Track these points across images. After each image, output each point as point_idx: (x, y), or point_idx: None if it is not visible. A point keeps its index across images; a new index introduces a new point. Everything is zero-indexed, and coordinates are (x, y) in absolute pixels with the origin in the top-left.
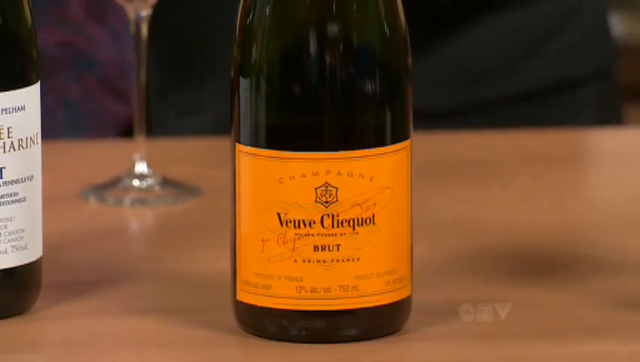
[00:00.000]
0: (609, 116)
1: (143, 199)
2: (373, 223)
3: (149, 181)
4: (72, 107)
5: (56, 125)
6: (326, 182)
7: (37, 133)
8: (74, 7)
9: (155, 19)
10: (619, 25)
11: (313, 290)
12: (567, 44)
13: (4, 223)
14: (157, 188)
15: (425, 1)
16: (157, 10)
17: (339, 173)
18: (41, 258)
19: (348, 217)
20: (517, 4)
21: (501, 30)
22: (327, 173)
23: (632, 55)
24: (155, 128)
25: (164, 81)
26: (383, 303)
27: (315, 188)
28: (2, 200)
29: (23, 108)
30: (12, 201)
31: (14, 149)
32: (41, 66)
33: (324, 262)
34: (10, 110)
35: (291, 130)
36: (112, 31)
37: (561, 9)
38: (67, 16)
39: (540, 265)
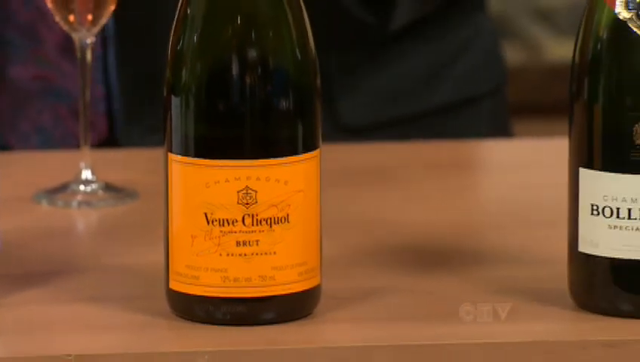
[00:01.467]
0: (502, 128)
1: (88, 202)
2: (288, 222)
3: (93, 186)
4: (44, 132)
5: (30, 148)
6: (246, 186)
7: None
8: (50, 46)
9: (124, 45)
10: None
11: (236, 280)
12: (470, 66)
13: None
14: (100, 192)
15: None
16: (126, 35)
17: (258, 178)
18: None
19: (266, 216)
20: (429, 35)
21: (417, 56)
22: (248, 178)
23: (514, 77)
24: (124, 144)
25: (134, 101)
26: (296, 291)
27: (237, 192)
28: None
29: None
30: None
31: None
32: (17, 96)
33: (245, 255)
34: None
35: (216, 141)
36: (93, 43)
37: (462, 38)
38: (43, 54)
39: (430, 257)
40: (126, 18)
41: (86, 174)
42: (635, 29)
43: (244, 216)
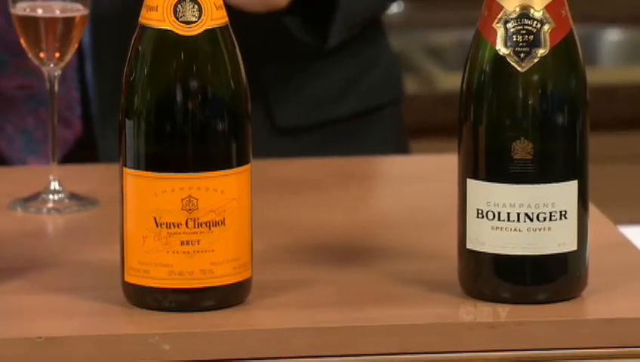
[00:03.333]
0: (402, 138)
1: (56, 208)
2: (224, 224)
3: (60, 195)
4: (27, 133)
5: (14, 148)
6: (189, 195)
7: None
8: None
9: (100, 57)
10: None
11: (180, 273)
12: (374, 80)
13: None
14: (66, 200)
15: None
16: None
17: (199, 188)
18: None
19: (205, 220)
20: (345, 53)
21: (335, 71)
22: (190, 188)
23: (411, 103)
24: (101, 144)
25: (110, 105)
26: (231, 282)
27: (182, 199)
28: None
29: None
30: None
31: None
32: (3, 104)
33: (188, 253)
34: None
35: (163, 157)
36: (60, 75)
37: (367, 57)
38: (25, 66)
39: (342, 253)
40: (102, 33)
41: (54, 185)
42: (512, 63)
43: (187, 219)
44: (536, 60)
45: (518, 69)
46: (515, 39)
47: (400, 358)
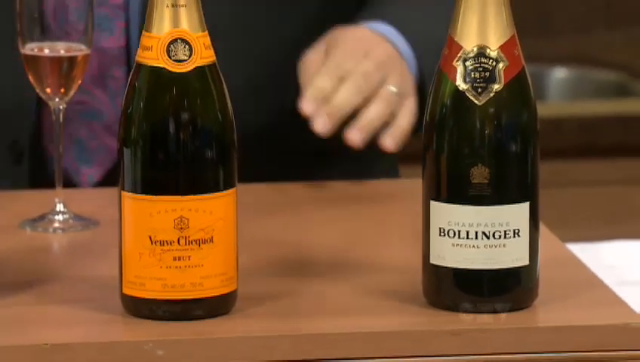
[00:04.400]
0: (393, 161)
1: (61, 228)
2: (212, 242)
3: (65, 216)
4: (81, 144)
5: (69, 158)
6: (181, 216)
7: None
8: (86, 79)
9: None
10: None
11: (173, 286)
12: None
13: None
14: (70, 220)
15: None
16: None
17: (189, 209)
18: None
19: (196, 238)
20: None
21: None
22: (182, 209)
23: None
24: None
25: None
26: (218, 294)
27: (174, 219)
28: None
29: None
30: None
31: None
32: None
33: (180, 267)
34: None
35: (157, 181)
36: (110, 93)
37: None
38: (81, 84)
39: (321, 268)
40: None
41: (59, 207)
42: (470, 97)
43: (179, 237)
44: (492, 95)
45: (476, 102)
46: (473, 76)
47: None
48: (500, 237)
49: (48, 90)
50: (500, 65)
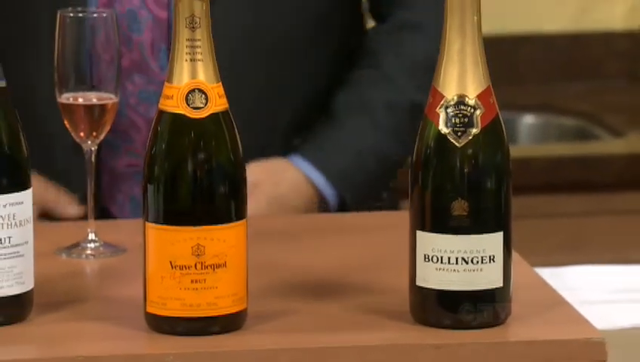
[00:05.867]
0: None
1: (92, 254)
2: (225, 267)
3: (97, 244)
4: (135, 201)
5: (125, 213)
6: (198, 243)
7: (30, 217)
8: (138, 144)
9: None
10: None
11: (191, 305)
12: None
13: (10, 269)
14: (101, 248)
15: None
16: None
17: (205, 238)
18: (32, 289)
19: (211, 263)
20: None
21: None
22: (199, 238)
23: None
24: None
25: None
26: (231, 312)
27: (192, 247)
28: (10, 255)
29: (21, 203)
30: (16, 256)
31: (17, 226)
32: (115, 178)
33: (197, 289)
34: (14, 203)
35: (177, 214)
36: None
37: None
38: (133, 149)
39: (320, 289)
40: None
41: (91, 236)
42: (451, 140)
43: (196, 263)
44: (470, 138)
45: (456, 144)
46: (453, 121)
47: None
48: (477, 262)
49: (82, 134)
50: (478, 112)
